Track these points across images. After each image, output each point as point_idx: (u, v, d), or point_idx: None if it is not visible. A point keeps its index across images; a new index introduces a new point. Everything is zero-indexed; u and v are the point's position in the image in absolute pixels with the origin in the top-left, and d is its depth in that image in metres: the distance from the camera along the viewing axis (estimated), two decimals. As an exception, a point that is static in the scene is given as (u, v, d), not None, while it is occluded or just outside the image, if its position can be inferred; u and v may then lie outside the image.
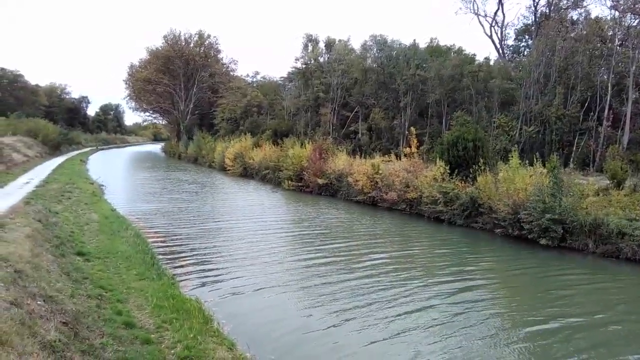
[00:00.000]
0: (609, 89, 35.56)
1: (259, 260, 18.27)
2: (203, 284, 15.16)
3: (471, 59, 49.41)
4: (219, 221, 26.98)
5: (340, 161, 38.77)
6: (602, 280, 18.40)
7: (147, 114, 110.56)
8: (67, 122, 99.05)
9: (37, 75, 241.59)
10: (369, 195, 33.75)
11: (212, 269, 16.95)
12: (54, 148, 64.56)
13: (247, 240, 21.87)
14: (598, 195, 23.57)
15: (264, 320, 12.49)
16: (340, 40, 61.60)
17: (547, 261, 20.19)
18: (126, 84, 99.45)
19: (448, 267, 18.66)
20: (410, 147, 34.20)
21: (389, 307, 13.62)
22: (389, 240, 23.85)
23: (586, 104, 37.09)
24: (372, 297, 14.40)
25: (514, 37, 58.70)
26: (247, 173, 52.74)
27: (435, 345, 11.30)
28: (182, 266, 17.05)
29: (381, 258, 19.67)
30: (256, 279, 15.90)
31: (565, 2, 48.49)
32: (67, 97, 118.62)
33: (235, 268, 17.11)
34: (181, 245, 20.33)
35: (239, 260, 18.13)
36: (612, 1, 39.03)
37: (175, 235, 22.08)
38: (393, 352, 11.01)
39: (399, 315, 13.08)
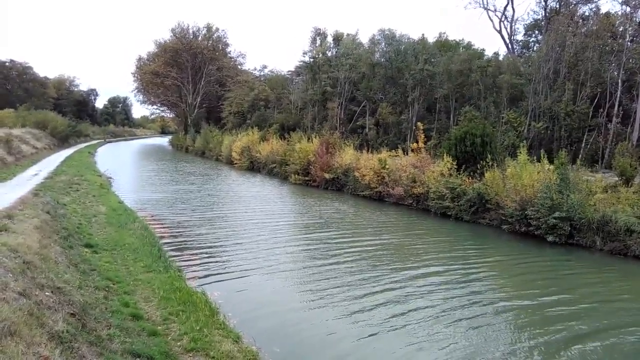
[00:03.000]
0: (619, 85, 35.19)
1: (261, 250, 18.80)
2: (206, 270, 15.77)
3: (480, 54, 48.98)
4: (224, 214, 27.07)
5: (347, 156, 38.67)
6: (605, 273, 18.41)
7: (155, 107, 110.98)
8: (75, 115, 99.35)
9: (46, 67, 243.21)
10: (376, 190, 33.68)
11: (217, 258, 17.36)
12: (62, 140, 64.97)
13: (251, 231, 22.33)
14: (606, 192, 23.37)
15: (262, 301, 13.27)
16: (348, 35, 61.38)
17: (552, 256, 20.15)
18: (134, 76, 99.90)
19: (446, 259, 18.87)
20: (417, 142, 34.12)
21: (381, 292, 14.32)
22: (391, 233, 23.90)
23: (596, 100, 36.72)
24: (364, 284, 15.12)
25: (523, 32, 58.21)
26: (253, 167, 52.79)
27: (403, 329, 11.79)
28: (186, 255, 17.32)
29: (378, 248, 20.09)
30: (255, 265, 16.68)
31: (575, -3, 47.85)
32: (76, 89, 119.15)
33: (238, 257, 17.67)
34: (187, 236, 20.57)
35: (244, 251, 18.51)
36: (624, -4, 38.54)
37: (182, 227, 22.26)
38: (356, 333, 11.50)
39: (386, 300, 13.71)
